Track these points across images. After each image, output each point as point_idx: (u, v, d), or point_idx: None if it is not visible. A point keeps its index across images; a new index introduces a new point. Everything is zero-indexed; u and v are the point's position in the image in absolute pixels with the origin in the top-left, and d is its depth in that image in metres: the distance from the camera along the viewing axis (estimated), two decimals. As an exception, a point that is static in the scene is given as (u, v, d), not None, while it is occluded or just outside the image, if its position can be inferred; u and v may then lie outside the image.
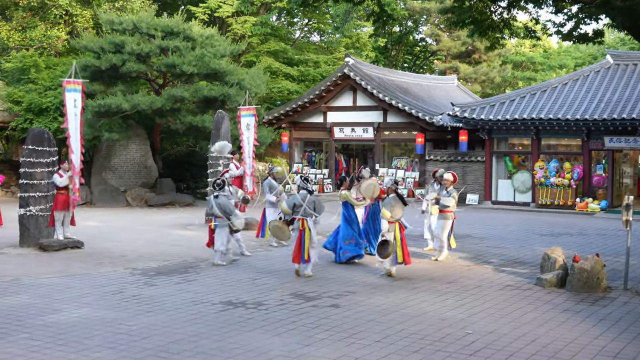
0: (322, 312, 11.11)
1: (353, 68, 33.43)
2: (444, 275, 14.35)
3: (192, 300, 11.82)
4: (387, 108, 32.93)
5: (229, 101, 28.64)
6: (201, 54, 28.34)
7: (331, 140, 35.24)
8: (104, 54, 27.98)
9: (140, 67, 28.36)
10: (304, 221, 13.95)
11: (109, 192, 29.26)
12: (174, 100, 28.11)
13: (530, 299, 12.31)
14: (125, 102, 26.84)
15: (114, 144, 29.39)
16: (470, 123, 29.95)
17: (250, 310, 11.12)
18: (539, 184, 28.71)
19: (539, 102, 29.04)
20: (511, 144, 30.88)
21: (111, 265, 15.09)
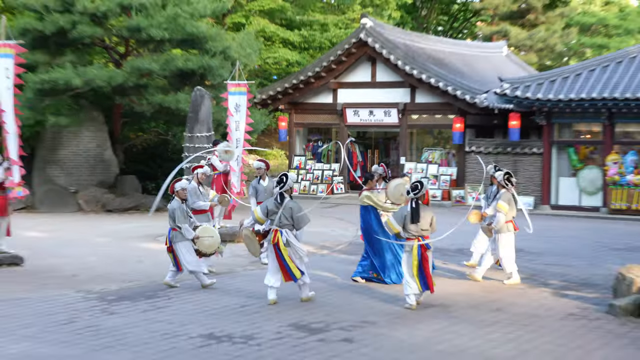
0: (331, 348, 11.16)
1: (372, 32, 33.48)
2: (489, 302, 14.38)
3: (164, 332, 11.86)
4: (416, 84, 33.00)
5: (210, 75, 28.68)
6: (174, 14, 28.38)
7: (343, 127, 35.32)
8: (49, 14, 27.97)
9: (96, 30, 28.39)
10: (277, 233, 13.69)
11: (55, 194, 29.34)
12: (139, 75, 28.16)
13: (600, 331, 12.33)
14: (76, 77, 26.87)
15: (62, 132, 29.46)
16: (524, 104, 29.97)
17: (238, 346, 11.17)
18: (612, 183, 28.73)
19: (612, 77, 29.03)
20: (577, 132, 30.91)
21: (59, 288, 15.13)
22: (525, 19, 55.05)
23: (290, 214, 13.75)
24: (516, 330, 12.32)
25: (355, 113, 34.73)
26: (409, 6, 55.45)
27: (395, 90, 33.89)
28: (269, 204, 13.89)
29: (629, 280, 13.81)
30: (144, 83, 28.78)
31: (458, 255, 19.06)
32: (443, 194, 32.44)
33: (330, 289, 15.36)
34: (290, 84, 35.21)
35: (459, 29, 61.20)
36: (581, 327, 12.61)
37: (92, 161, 30.16)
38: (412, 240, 13.61)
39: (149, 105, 28.84)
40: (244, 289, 15.16)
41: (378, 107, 34.27)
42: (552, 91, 29.32)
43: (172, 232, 15.17)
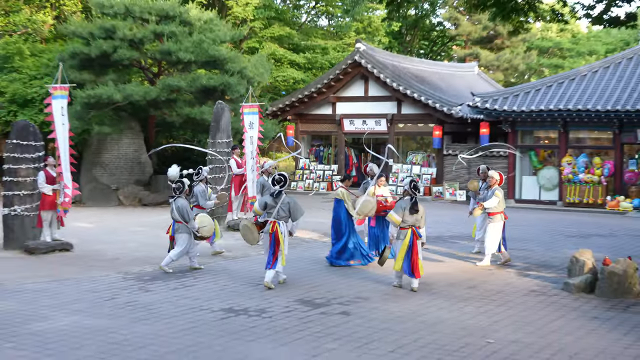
0: (332, 320, 11.14)
1: (364, 55, 33.46)
2: (464, 280, 14.36)
3: (191, 307, 11.86)
4: (402, 98, 32.97)
5: (229, 91, 28.69)
6: (199, 39, 28.39)
7: (341, 134, 35.29)
8: (94, 40, 28.02)
9: (133, 54, 28.43)
10: (275, 224, 13.42)
11: (99, 191, 29.36)
12: (169, 91, 28.17)
13: (557, 305, 12.32)
14: (117, 93, 26.90)
15: (105, 138, 29.46)
16: (492, 114, 29.96)
17: (253, 318, 11.15)
18: (566, 180, 28.72)
19: (566, 92, 29.02)
20: (536, 138, 30.88)
21: (103, 269, 15.14)
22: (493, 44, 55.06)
23: (287, 207, 13.54)
24: (487, 304, 12.31)
25: (351, 122, 34.69)
26: (395, 33, 55.41)
27: (384, 104, 33.86)
28: (267, 199, 13.63)
29: (581, 262, 13.80)
30: (174, 98, 28.78)
31: (438, 241, 19.03)
32: (425, 190, 32.41)
33: (330, 270, 15.34)
34: (296, 98, 35.20)
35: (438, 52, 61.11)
36: (541, 301, 12.60)
37: (130, 163, 30.14)
38: (406, 229, 13.37)
39: (178, 116, 28.85)
40: (258, 270, 15.10)
41: (370, 118, 34.23)
42: (516, 104, 29.31)
43: (177, 225, 15.01)
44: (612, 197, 27.95)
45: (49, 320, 10.92)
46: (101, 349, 9.51)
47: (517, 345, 9.90)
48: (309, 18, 50.94)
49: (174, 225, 15.08)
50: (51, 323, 10.74)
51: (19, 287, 13.35)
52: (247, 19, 41.95)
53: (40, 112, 27.83)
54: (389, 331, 10.53)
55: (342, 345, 9.83)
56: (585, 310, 11.95)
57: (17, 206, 17.40)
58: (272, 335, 10.22)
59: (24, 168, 17.47)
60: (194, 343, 9.80)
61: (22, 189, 17.45)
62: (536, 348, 9.80)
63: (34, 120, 25.91)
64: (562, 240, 19.99)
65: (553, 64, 57.58)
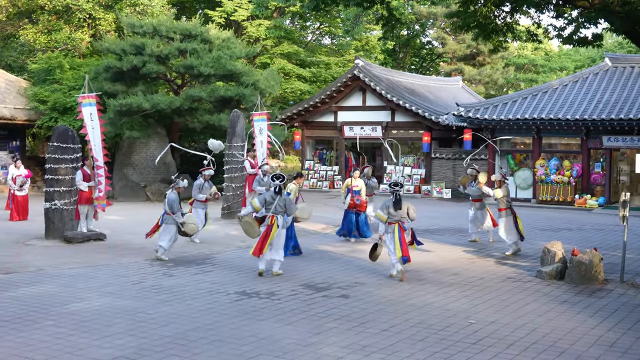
0: (332, 302, 11.13)
1: (362, 70, 33.42)
2: (448, 268, 14.35)
3: (209, 290, 11.86)
4: (395, 108, 32.92)
5: (244, 101, 28.67)
6: (218, 55, 28.37)
7: (341, 139, 35.24)
8: (126, 56, 28.03)
9: (160, 68, 28.41)
10: (274, 218, 13.32)
11: (129, 187, 29.34)
12: (191, 100, 28.16)
13: (531, 290, 12.30)
14: (146, 102, 26.88)
15: (135, 142, 29.46)
16: (474, 122, 29.88)
17: (263, 300, 11.15)
18: (539, 181, 28.65)
19: (540, 103, 28.95)
20: (514, 143, 30.79)
21: (132, 257, 15.16)
22: (476, 60, 54.90)
23: (284, 203, 13.45)
24: (469, 289, 12.30)
25: (350, 129, 34.61)
26: (390, 50, 55.35)
27: (380, 112, 33.78)
28: (267, 196, 13.51)
29: (552, 252, 13.78)
30: (195, 106, 28.77)
31: (425, 233, 19.00)
32: (415, 189, 32.37)
33: (331, 258, 15.34)
34: (302, 107, 35.13)
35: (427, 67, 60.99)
36: (517, 287, 12.58)
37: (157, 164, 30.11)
38: (393, 224, 13.29)
39: (198, 122, 28.82)
40: (268, 258, 15.12)
41: (367, 125, 34.16)
42: (495, 113, 29.24)
43: (166, 216, 14.95)
44: (580, 195, 27.88)
45: (84, 301, 10.93)
46: (130, 326, 9.52)
47: (496, 325, 9.89)
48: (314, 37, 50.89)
49: (163, 215, 15.03)
50: (86, 304, 10.75)
51: (58, 272, 13.36)
52: (259, 37, 41.88)
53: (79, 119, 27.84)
54: (382, 312, 10.53)
55: (341, 324, 9.83)
56: (556, 295, 11.93)
57: (57, 201, 17.39)
58: (279, 315, 10.22)
59: (63, 167, 17.46)
60: (211, 322, 9.80)
61: (62, 186, 17.44)
62: (512, 328, 9.79)
63: (73, 126, 25.82)
64: (535, 233, 19.96)
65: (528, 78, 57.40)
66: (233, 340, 9.00)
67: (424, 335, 9.37)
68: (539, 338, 9.32)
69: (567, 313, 10.72)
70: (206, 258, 15.13)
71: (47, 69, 30.68)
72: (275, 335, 9.25)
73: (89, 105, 18.04)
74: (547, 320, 10.22)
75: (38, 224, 18.78)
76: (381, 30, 43.06)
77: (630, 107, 26.74)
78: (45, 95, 29.29)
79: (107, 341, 8.85)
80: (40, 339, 8.91)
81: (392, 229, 13.36)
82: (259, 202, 13.52)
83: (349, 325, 9.79)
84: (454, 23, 18.78)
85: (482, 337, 9.30)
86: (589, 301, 11.55)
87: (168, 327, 9.53)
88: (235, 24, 42.44)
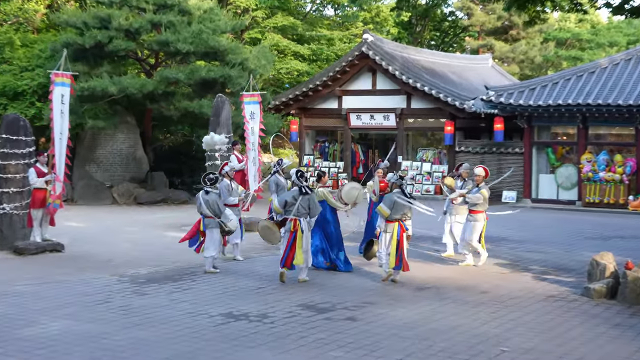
0: (337, 325, 11.11)
1: (372, 46, 33.42)
2: (476, 285, 14.31)
3: (188, 311, 11.84)
4: (411, 92, 32.93)
5: (230, 84, 28.70)
6: (198, 30, 28.39)
7: (347, 129, 35.27)
8: (88, 30, 28.03)
9: (129, 45, 28.44)
10: (297, 222, 13.86)
11: (92, 188, 29.35)
12: (167, 83, 28.18)
13: (576, 311, 12.26)
14: (112, 85, 26.92)
15: (99, 133, 29.49)
16: (507, 109, 29.88)
17: (254, 324, 11.13)
18: (585, 179, 28.64)
19: (586, 85, 28.93)
20: (554, 134, 30.80)
21: (95, 271, 15.12)
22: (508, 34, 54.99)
23: (307, 204, 13.90)
24: (500, 310, 12.26)
25: (357, 117, 34.65)
26: (405, 23, 55.39)
27: (393, 97, 33.81)
28: (288, 197, 14.00)
29: (602, 266, 13.73)
30: (172, 91, 28.80)
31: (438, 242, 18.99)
32: (435, 189, 32.37)
33: (335, 273, 15.31)
34: (300, 91, 35.17)
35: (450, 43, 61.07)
36: (559, 307, 12.55)
37: (125, 159, 30.17)
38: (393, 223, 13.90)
39: (175, 110, 28.86)
40: (259, 272, 15.13)
41: (378, 112, 34.19)
42: (532, 98, 29.24)
43: (207, 220, 15.08)
44: (634, 196, 27.86)
45: (38, 325, 10.89)
46: (93, 355, 9.48)
47: (533, 354, 9.85)
48: (314, 7, 50.95)
49: (204, 220, 15.13)
50: (41, 328, 10.71)
51: (7, 289, 13.32)
52: (249, 8, 41.97)
53: (32, 106, 27.87)
54: (397, 338, 10.49)
55: (347, 352, 9.80)
56: (607, 317, 11.89)
57: (5, 204, 17.38)
58: (273, 342, 10.19)
59: (13, 164, 17.45)
60: (191, 350, 9.77)
61: (12, 186, 17.41)
62: (554, 357, 9.75)
63: (25, 114, 25.87)
64: (581, 242, 19.93)
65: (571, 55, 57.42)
66: (217, 372, 8.98)
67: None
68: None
69: (620, 339, 10.68)
70: (184, 273, 15.10)
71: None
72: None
73: (62, 85, 17.96)
74: (596, 348, 10.18)
75: (-18, 232, 18.76)
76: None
77: (695, 90, 26.75)
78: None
79: (65, 373, 8.82)
80: (-15, 370, 8.88)
81: (390, 228, 13.95)
82: (280, 204, 14.07)
83: (357, 353, 9.76)
84: (482, -11, 18.77)
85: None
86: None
87: (138, 356, 9.50)
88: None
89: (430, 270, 15.63)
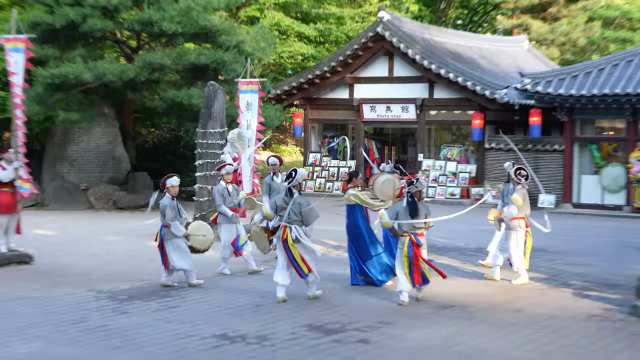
0: (347, 349, 11.17)
1: (389, 26, 33.47)
2: (508, 302, 14.36)
3: (176, 333, 11.90)
4: (435, 79, 32.98)
5: (223, 70, 28.69)
6: (187, 7, 28.39)
7: (359, 123, 35.32)
8: (59, 8, 28.02)
9: (107, 24, 28.42)
10: (287, 229, 13.83)
11: (65, 191, 29.43)
12: (151, 69, 28.19)
13: (624, 333, 12.30)
14: (87, 72, 26.91)
15: (72, 127, 29.56)
16: (545, 100, 29.92)
17: (252, 347, 11.19)
18: (635, 181, 28.66)
19: (636, 72, 28.94)
20: (599, 128, 30.83)
21: (69, 286, 15.20)
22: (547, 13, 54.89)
23: (299, 209, 13.85)
24: (537, 331, 12.30)
25: (372, 109, 34.73)
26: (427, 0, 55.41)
27: (413, 86, 33.88)
28: (278, 200, 14.07)
29: (653, 281, 13.79)
30: (156, 78, 28.85)
31: (477, 254, 19.05)
32: (462, 192, 32.40)
33: (345, 288, 15.38)
34: (305, 78, 35.23)
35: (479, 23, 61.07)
36: (604, 328, 12.58)
37: (103, 158, 30.24)
38: (404, 237, 13.78)
39: (161, 100, 28.87)
40: (257, 288, 15.19)
41: (395, 103, 34.25)
42: (574, 86, 29.24)
43: (164, 230, 15.37)
44: (690, 201, 27.93)
45: (4, 347, 10.97)
46: (67, 382, 9.57)
47: (574, 382, 9.92)
48: (321, -20, 51.01)
49: (161, 230, 15.53)
50: (7, 350, 10.79)
51: (-33, 307, 13.43)
52: (245, -19, 42.06)
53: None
54: (417, 363, 10.56)
55: (359, 380, 9.87)
56: (658, 340, 11.95)
57: (-36, 210, 17.45)
58: (274, 368, 10.27)
59: (-28, 163, 17.51)
60: (179, 376, 9.86)
61: (-29, 189, 17.50)
62: (597, 385, 9.82)
63: (-12, 104, 26.03)
64: (629, 253, 19.97)
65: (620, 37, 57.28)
66: (210, 401, 9.06)
67: (475, 394, 9.42)
68: (634, 399, 9.36)
69: (673, 364, 10.74)
70: (172, 288, 15.19)
71: (-51, 25, 30.76)
72: (268, 394, 9.31)
73: (15, 51, 18.04)
74: (646, 375, 10.25)
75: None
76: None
77: None
78: (-50, 60, 29.38)
79: (36, 403, 8.92)
80: (-56, 399, 8.98)
81: (401, 243, 13.83)
82: (270, 208, 14.14)
83: (370, 381, 9.83)
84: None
85: (554, 398, 9.34)
86: (703, 348, 11.57)
87: (120, 383, 9.58)
88: (212, -38, 42.55)
89: (456, 286, 15.68)
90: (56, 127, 29.50)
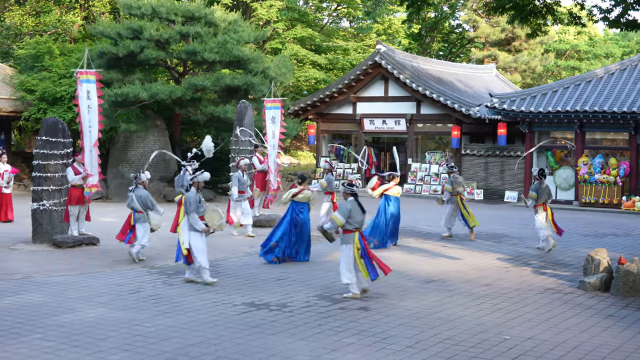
0: (351, 315, 11.13)
1: (385, 56, 33.39)
2: (480, 278, 14.31)
3: (213, 301, 11.88)
4: (421, 99, 32.88)
5: (252, 90, 28.69)
6: (223, 40, 28.40)
7: (361, 133, 35.24)
8: (121, 40, 28.10)
9: (159, 54, 28.46)
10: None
11: (125, 186, 29.31)
12: (194, 90, 28.21)
13: (572, 303, 12.25)
14: (143, 91, 26.96)
15: (131, 136, 29.56)
16: (510, 115, 29.81)
17: (274, 313, 11.16)
18: (582, 180, 28.53)
19: (583, 94, 28.82)
20: (553, 138, 30.69)
21: (128, 263, 15.22)
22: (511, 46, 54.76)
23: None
24: (503, 301, 12.26)
25: (371, 122, 34.62)
26: (415, 35, 55.27)
27: (404, 104, 33.76)
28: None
29: (596, 261, 13.73)
30: (199, 97, 28.83)
31: (454, 240, 18.96)
32: (442, 189, 32.22)
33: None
34: (317, 98, 35.17)
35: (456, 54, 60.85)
36: (556, 299, 12.54)
37: (155, 160, 30.17)
38: (352, 233, 12.37)
39: (202, 114, 28.85)
40: (279, 265, 15.16)
41: (390, 117, 34.15)
42: (533, 105, 29.14)
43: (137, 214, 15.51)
44: (627, 197, 27.73)
45: (75, 312, 10.97)
46: (125, 340, 9.54)
47: (533, 342, 9.85)
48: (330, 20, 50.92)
49: (134, 214, 15.55)
50: (77, 315, 10.79)
51: (46, 279, 13.42)
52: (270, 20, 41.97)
53: (69, 110, 27.96)
54: (406, 327, 10.51)
55: (360, 339, 9.82)
56: (601, 309, 11.88)
57: (45, 201, 17.47)
58: (292, 330, 10.23)
59: (52, 164, 17.55)
60: (216, 336, 9.82)
61: (51, 184, 17.52)
62: (551, 345, 9.75)
63: (63, 118, 26.04)
64: (577, 239, 19.88)
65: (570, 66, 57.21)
66: (239, 356, 9.02)
67: (453, 352, 9.35)
68: (581, 356, 9.28)
69: (612, 329, 10.66)
70: (210, 265, 15.13)
71: (35, 55, 30.80)
72: (286, 351, 9.25)
73: (87, 82, 17.99)
74: (591, 337, 10.17)
75: (24, 226, 18.88)
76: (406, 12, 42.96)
77: (685, 99, 26.59)
78: (33, 84, 29.40)
79: (100, 357, 8.88)
80: (27, 353, 8.95)
81: (351, 239, 12.38)
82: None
83: (369, 340, 9.78)
84: (487, 4, 18.77)
85: (517, 355, 9.27)
86: (637, 315, 11.48)
87: (167, 341, 9.55)
88: (244, 5, 42.53)
89: (437, 265, 15.64)
90: (119, 135, 29.51)
